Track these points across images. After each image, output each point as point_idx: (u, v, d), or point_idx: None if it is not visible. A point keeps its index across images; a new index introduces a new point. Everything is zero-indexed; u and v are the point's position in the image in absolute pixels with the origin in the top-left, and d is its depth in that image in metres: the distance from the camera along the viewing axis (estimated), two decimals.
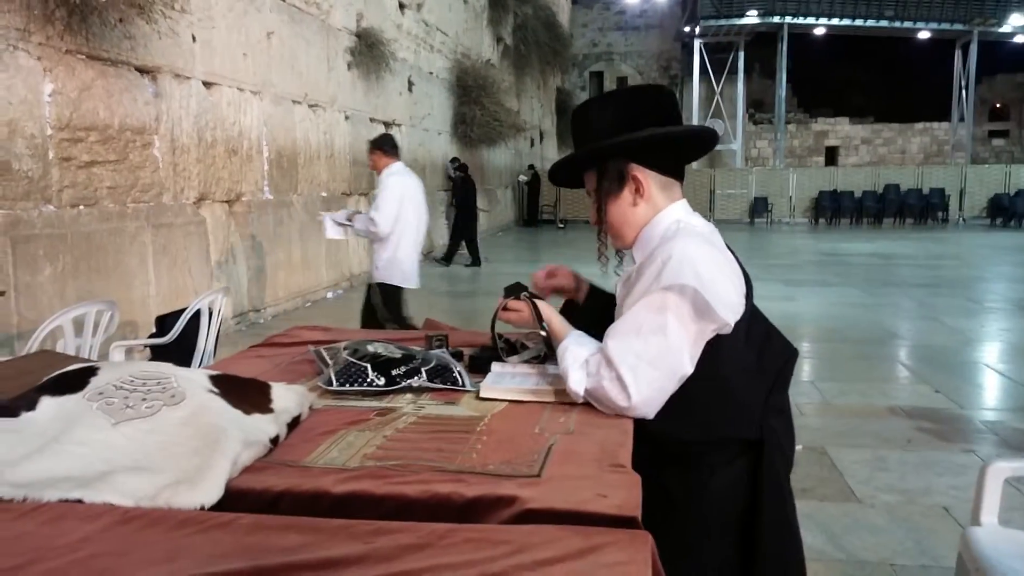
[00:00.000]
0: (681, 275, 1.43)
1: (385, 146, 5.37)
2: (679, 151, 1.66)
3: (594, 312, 1.76)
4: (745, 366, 1.54)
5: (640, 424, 1.46)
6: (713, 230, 1.63)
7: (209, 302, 4.17)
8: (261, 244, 8.10)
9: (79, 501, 1.03)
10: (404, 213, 5.25)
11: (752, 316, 1.57)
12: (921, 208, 22.99)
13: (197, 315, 4.07)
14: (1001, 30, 29.06)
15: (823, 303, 9.25)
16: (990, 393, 5.66)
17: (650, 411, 1.46)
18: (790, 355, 1.66)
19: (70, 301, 4.96)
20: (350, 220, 5.31)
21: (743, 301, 1.53)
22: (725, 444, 1.55)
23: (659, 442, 1.50)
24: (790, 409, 1.69)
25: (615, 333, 1.49)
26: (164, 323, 4.03)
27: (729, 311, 1.46)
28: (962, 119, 31.01)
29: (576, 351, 1.53)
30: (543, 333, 1.66)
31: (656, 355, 1.43)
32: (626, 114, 1.59)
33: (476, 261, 13.20)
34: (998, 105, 37.96)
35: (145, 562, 0.89)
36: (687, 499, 1.56)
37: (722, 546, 1.56)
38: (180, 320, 3.92)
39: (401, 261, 5.31)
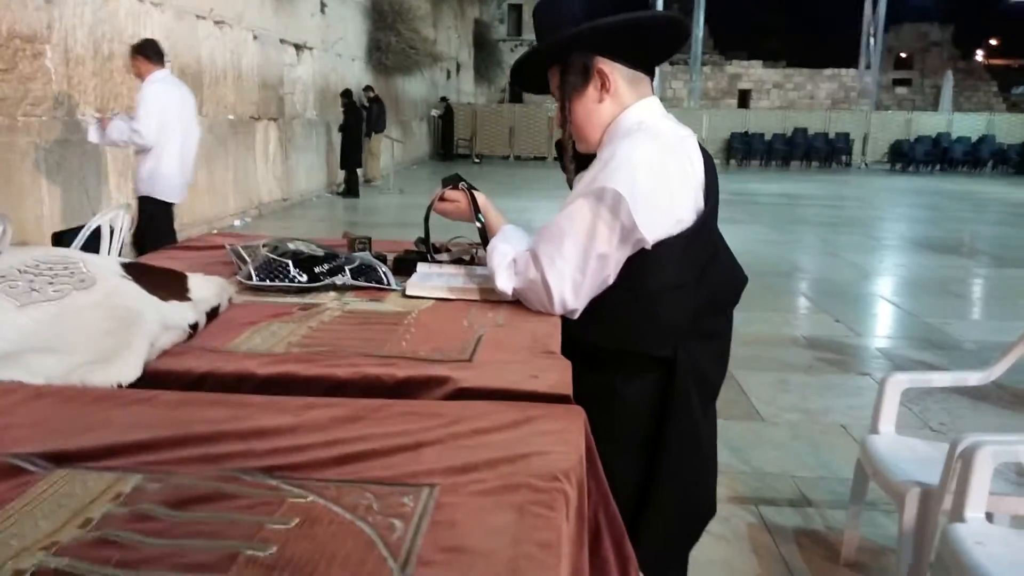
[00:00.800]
0: (616, 179, 1.37)
1: (148, 51, 5.04)
2: (648, 44, 1.54)
3: None
4: (674, 283, 1.46)
5: (562, 324, 1.45)
6: (684, 137, 1.51)
7: (110, 219, 3.96)
8: None
9: None
10: (168, 122, 4.98)
11: (697, 234, 1.47)
12: (827, 152, 23.75)
13: (97, 234, 3.87)
14: None
15: (732, 240, 9.26)
16: (885, 323, 5.97)
17: (574, 312, 1.44)
18: (737, 281, 1.62)
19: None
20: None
21: (687, 218, 1.45)
22: (637, 356, 1.50)
23: (573, 342, 1.43)
24: (728, 336, 1.65)
25: (545, 233, 1.46)
26: (61, 241, 3.83)
27: (653, 227, 1.39)
28: (868, 66, 31.96)
29: (504, 249, 1.50)
30: (479, 224, 1.61)
31: (580, 258, 1.40)
32: (584, 4, 1.47)
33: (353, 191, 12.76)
34: (903, 55, 39.27)
35: (62, 432, 0.84)
36: (595, 402, 1.50)
37: (626, 455, 1.50)
38: (79, 237, 3.72)
39: (164, 175, 5.05)
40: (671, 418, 1.48)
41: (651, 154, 1.42)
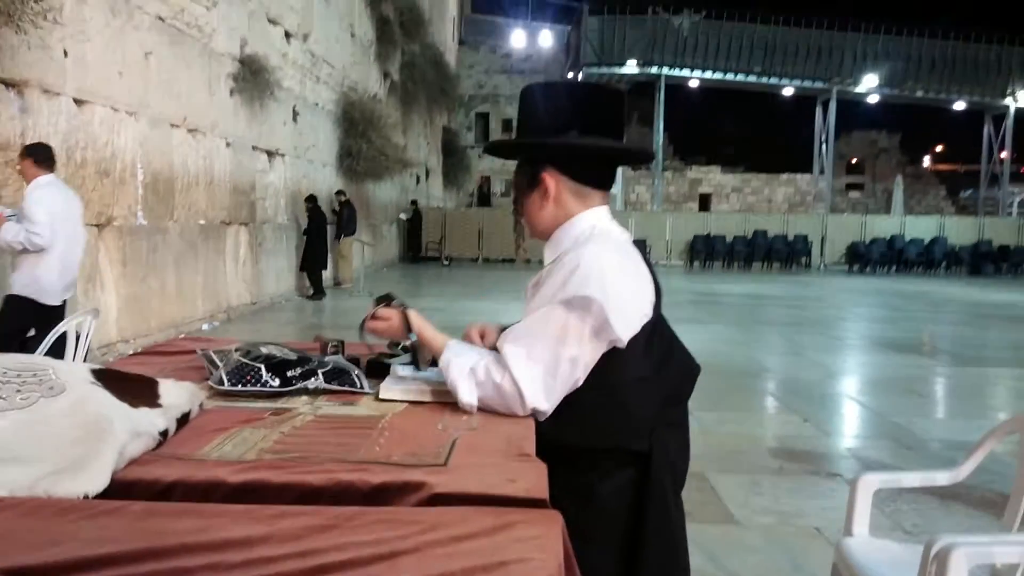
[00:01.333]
0: (586, 285, 1.42)
1: (37, 155, 5.00)
2: (600, 161, 1.62)
3: None
4: (640, 376, 1.51)
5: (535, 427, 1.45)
6: (629, 239, 1.61)
7: (76, 324, 3.92)
8: (133, 271, 7.70)
9: None
10: (53, 226, 4.92)
11: (655, 327, 1.53)
12: (787, 253, 24.35)
13: (62, 339, 3.81)
14: (856, 90, 31.45)
15: (699, 340, 9.57)
16: (852, 422, 6.01)
17: (542, 413, 1.46)
18: (691, 370, 1.65)
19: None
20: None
21: (649, 311, 1.52)
22: (612, 452, 1.52)
23: (547, 444, 1.44)
24: (687, 425, 1.67)
25: (513, 336, 1.49)
26: (26, 347, 3.76)
27: (627, 326, 1.45)
28: (822, 171, 33.24)
29: (459, 362, 1.50)
30: (409, 343, 1.62)
31: (551, 362, 1.43)
32: (555, 113, 1.56)
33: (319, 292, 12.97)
34: (854, 160, 40.94)
35: (26, 546, 0.82)
36: (572, 503, 1.47)
37: (605, 555, 1.51)
38: (44, 342, 3.67)
39: (43, 278, 4.96)
40: (648, 511, 1.50)
41: (614, 258, 1.49)
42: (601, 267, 1.45)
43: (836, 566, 2.44)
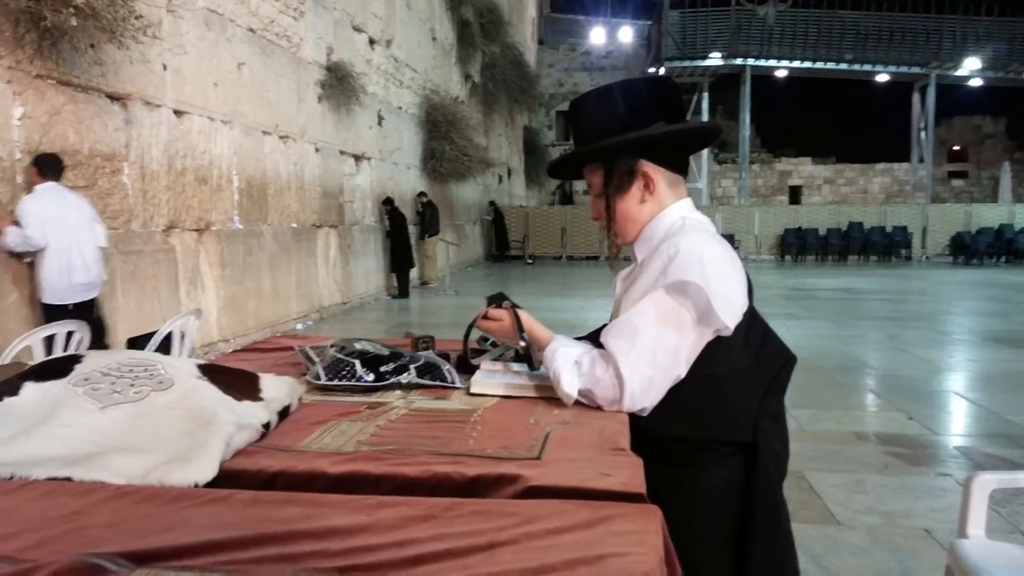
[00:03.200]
0: (687, 272, 1.41)
1: (40, 165, 5.25)
2: (687, 149, 1.65)
3: None
4: (741, 367, 1.50)
5: (630, 420, 1.44)
6: (715, 230, 1.61)
7: (181, 324, 4.09)
8: (231, 273, 8.01)
9: (68, 479, 0.99)
10: (49, 230, 5.16)
11: (751, 317, 1.53)
12: (885, 245, 23.40)
13: (168, 339, 3.99)
14: (957, 73, 30.00)
15: (794, 335, 9.31)
16: (961, 420, 5.72)
17: (645, 408, 1.45)
18: (788, 360, 1.62)
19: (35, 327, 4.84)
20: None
21: (746, 301, 1.51)
22: (716, 444, 1.51)
23: (649, 439, 1.45)
24: (785, 415, 1.64)
25: (617, 329, 1.48)
26: (135, 346, 3.95)
27: (731, 313, 1.44)
28: (921, 160, 31.82)
29: (565, 352, 1.51)
30: (522, 343, 1.62)
31: (654, 353, 1.42)
32: (637, 107, 1.56)
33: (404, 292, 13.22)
34: (956, 147, 39.04)
35: (141, 533, 0.85)
36: (677, 497, 1.48)
37: (713, 548, 1.51)
38: (152, 341, 3.84)
39: (41, 277, 5.24)
40: (756, 503, 1.48)
41: (711, 246, 1.48)
42: (700, 254, 1.44)
43: (950, 569, 2.33)
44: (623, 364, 1.42)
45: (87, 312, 5.28)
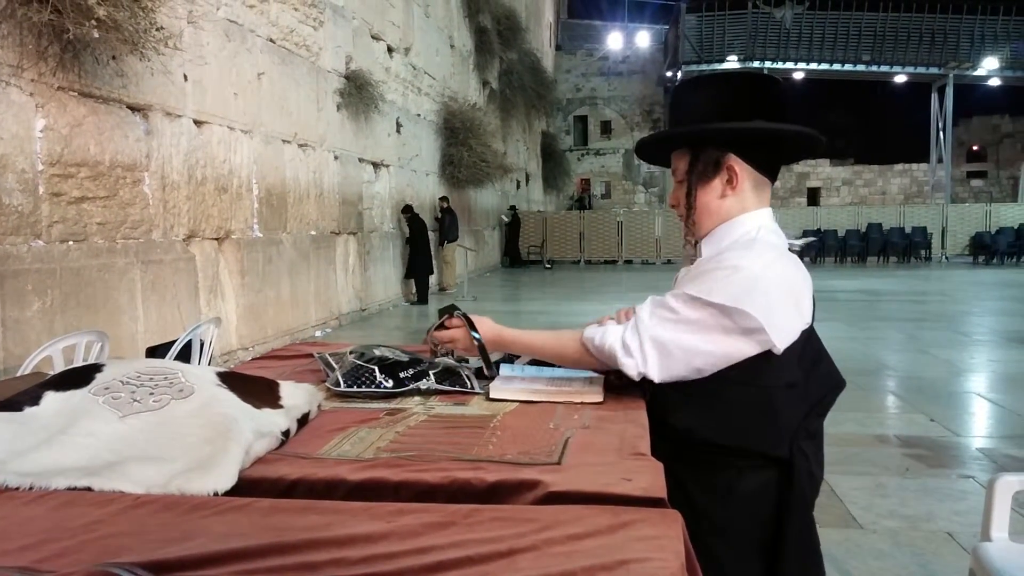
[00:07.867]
0: (738, 298, 1.37)
1: None
2: (780, 151, 1.57)
3: None
4: (789, 383, 1.47)
5: (664, 421, 1.44)
6: (787, 245, 1.56)
7: (200, 333, 4.11)
8: (250, 282, 8.06)
9: (88, 489, 1.00)
10: None
11: (809, 335, 1.49)
12: (904, 246, 23.22)
13: (188, 348, 4.01)
14: (975, 73, 29.73)
15: None
16: (983, 421, 5.65)
17: (647, 379, 1.45)
18: (837, 383, 1.59)
19: (58, 336, 4.89)
20: None
21: (809, 319, 1.48)
22: (750, 454, 1.48)
23: (684, 441, 1.45)
24: (823, 437, 1.62)
25: (658, 301, 1.47)
26: (155, 354, 3.97)
27: (781, 336, 1.41)
28: (940, 160, 31.54)
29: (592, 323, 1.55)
30: (476, 341, 1.61)
31: (686, 348, 1.41)
32: (736, 100, 1.51)
33: (423, 298, 13.29)
34: (975, 147, 38.64)
35: (161, 541, 0.85)
36: (710, 503, 1.48)
37: (743, 559, 1.48)
38: (172, 349, 3.86)
39: None
40: (789, 522, 1.46)
41: (777, 269, 1.44)
42: (757, 279, 1.39)
43: (973, 572, 2.30)
44: (656, 328, 1.42)
45: None
